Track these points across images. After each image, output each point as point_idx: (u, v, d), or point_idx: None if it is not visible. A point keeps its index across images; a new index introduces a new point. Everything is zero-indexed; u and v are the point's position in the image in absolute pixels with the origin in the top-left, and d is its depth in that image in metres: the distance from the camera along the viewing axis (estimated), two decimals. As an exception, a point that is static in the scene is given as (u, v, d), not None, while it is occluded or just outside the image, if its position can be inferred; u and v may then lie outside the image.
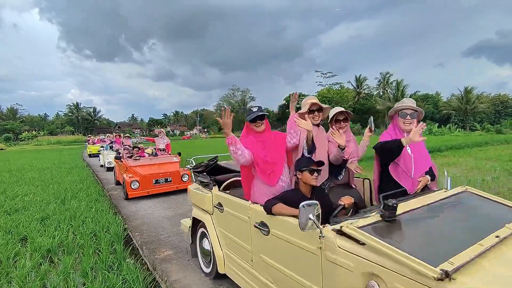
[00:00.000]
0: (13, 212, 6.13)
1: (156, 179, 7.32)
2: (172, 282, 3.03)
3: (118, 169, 8.69)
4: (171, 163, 7.94)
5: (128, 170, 7.48)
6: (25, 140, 57.30)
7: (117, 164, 8.79)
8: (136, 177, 7.10)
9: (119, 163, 8.26)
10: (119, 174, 8.41)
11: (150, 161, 7.81)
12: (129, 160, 7.69)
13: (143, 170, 7.34)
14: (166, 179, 7.46)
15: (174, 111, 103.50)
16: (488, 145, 18.87)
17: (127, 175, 7.23)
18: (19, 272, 3.38)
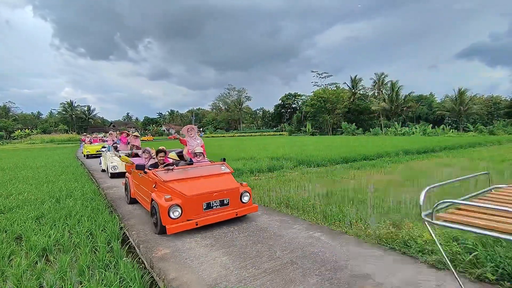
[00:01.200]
0: (7, 210, 6.06)
1: (208, 201, 4.64)
2: (170, 280, 3.04)
3: (134, 181, 6.41)
4: (223, 175, 5.25)
5: (159, 187, 4.86)
6: (18, 139, 56.59)
7: (133, 175, 6.50)
8: (177, 200, 4.47)
9: (139, 174, 5.87)
10: (138, 190, 6.15)
11: (192, 172, 5.16)
12: (160, 171, 5.07)
13: (187, 188, 4.65)
14: (222, 202, 4.75)
15: (170, 110, 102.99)
16: (481, 145, 19.14)
17: (161, 195, 4.63)
18: (15, 271, 3.35)
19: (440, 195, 6.44)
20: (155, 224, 4.65)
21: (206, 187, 4.74)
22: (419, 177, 8.68)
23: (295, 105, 72.21)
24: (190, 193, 4.52)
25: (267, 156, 14.01)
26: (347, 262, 3.34)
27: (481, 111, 45.12)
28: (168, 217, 4.31)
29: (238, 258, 3.55)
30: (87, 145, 20.31)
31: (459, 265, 2.97)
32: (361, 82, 57.06)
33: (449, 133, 35.69)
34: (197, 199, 4.52)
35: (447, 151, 16.26)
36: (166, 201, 4.38)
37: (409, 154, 14.97)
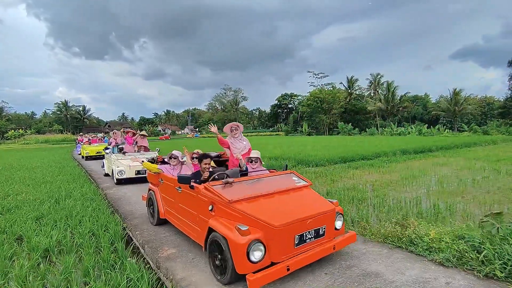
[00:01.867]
0: (5, 211, 5.97)
1: (301, 233, 3.08)
2: (178, 280, 3.01)
3: (166, 197, 4.72)
4: (302, 190, 3.70)
5: (221, 211, 3.30)
6: (12, 139, 55.83)
7: (162, 188, 4.88)
8: (257, 232, 2.92)
9: (177, 188, 4.21)
10: (174, 209, 4.45)
11: (259, 187, 3.64)
12: (217, 185, 3.50)
13: (267, 213, 3.09)
14: (318, 231, 3.22)
15: (166, 110, 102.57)
16: (476, 145, 19.35)
17: (229, 224, 3.09)
18: (19, 272, 3.30)
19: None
20: (217, 267, 3.09)
21: (295, 211, 3.15)
22: (418, 176, 8.75)
23: (292, 105, 72.38)
24: (278, 221, 2.90)
25: (265, 156, 14.01)
26: (354, 260, 3.35)
27: (475, 111, 45.67)
28: (248, 261, 2.77)
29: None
30: (85, 145, 18.68)
31: (467, 263, 3.00)
32: (357, 82, 57.43)
33: (444, 133, 36.03)
34: (288, 230, 2.94)
35: (444, 151, 16.40)
36: (242, 235, 2.79)
37: (406, 153, 15.08)
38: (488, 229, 3.24)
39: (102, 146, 17.96)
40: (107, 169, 10.79)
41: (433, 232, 3.49)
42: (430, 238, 3.44)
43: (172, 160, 5.01)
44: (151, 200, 5.21)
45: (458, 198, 6.18)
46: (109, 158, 10.19)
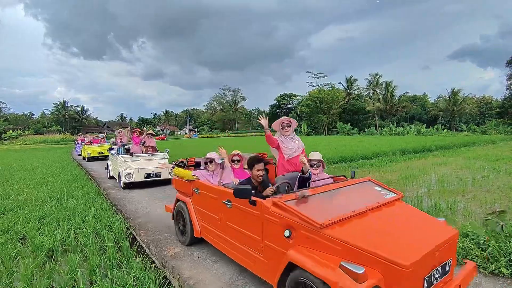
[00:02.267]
0: (7, 211, 5.96)
1: (430, 272, 2.15)
2: (186, 278, 3.03)
3: (206, 213, 3.73)
4: (394, 205, 2.87)
5: (303, 238, 2.39)
6: (10, 140, 55.59)
7: (197, 200, 3.96)
8: (375, 275, 1.95)
9: (226, 203, 3.24)
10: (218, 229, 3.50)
11: (339, 202, 2.89)
12: (289, 201, 2.59)
13: (384, 245, 2.11)
14: (444, 267, 2.31)
15: (164, 110, 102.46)
16: (475, 145, 19.43)
17: (326, 260, 2.14)
18: (25, 271, 3.30)
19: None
20: None
21: (413, 239, 2.28)
22: (418, 176, 8.79)
23: (291, 106, 72.45)
24: (405, 257, 1.98)
25: (266, 156, 14.03)
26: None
27: (474, 111, 45.89)
28: None
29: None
30: (87, 146, 17.94)
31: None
32: (356, 82, 57.55)
33: (443, 133, 36.15)
34: (417, 271, 2.03)
35: (443, 151, 16.47)
36: (358, 280, 1.89)
37: (406, 153, 15.14)
38: (492, 227, 3.27)
39: (104, 146, 17.48)
40: (112, 172, 10.02)
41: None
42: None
43: (210, 165, 3.96)
44: (181, 214, 4.19)
45: (458, 197, 6.22)
46: (115, 159, 9.30)
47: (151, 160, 8.72)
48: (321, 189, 2.87)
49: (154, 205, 6.38)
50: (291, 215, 2.42)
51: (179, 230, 4.25)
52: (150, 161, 8.70)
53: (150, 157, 8.84)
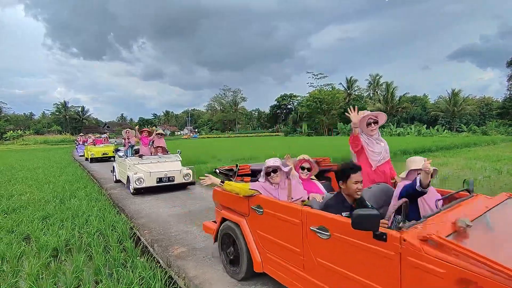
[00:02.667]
0: (11, 211, 5.98)
1: None
2: (191, 278, 3.04)
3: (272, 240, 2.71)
4: None
5: None
6: (10, 140, 55.63)
7: (260, 222, 2.85)
8: None
9: (321, 231, 2.17)
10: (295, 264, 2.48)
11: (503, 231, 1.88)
12: None
13: None
14: None
15: (165, 110, 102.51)
16: (476, 146, 19.46)
17: None
18: (30, 270, 3.32)
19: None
20: None
21: None
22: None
23: (291, 106, 72.50)
24: None
25: (267, 156, 14.05)
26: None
27: (474, 111, 45.90)
28: None
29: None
30: (90, 146, 16.97)
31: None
32: (356, 83, 57.61)
33: (443, 134, 36.19)
34: None
35: (444, 151, 16.51)
36: None
37: (406, 154, 15.15)
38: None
39: (108, 147, 16.95)
40: (118, 175, 9.15)
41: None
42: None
43: (273, 176, 2.88)
44: (231, 239, 3.17)
45: (461, 197, 6.23)
46: (123, 162, 8.47)
47: (163, 163, 7.92)
48: (470, 213, 1.92)
49: (157, 205, 6.39)
50: (470, 263, 1.41)
51: (228, 260, 3.21)
52: (162, 163, 7.89)
53: (162, 159, 8.04)
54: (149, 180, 7.39)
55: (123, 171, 8.41)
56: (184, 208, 6.09)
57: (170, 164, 7.96)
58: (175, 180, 7.73)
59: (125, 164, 8.08)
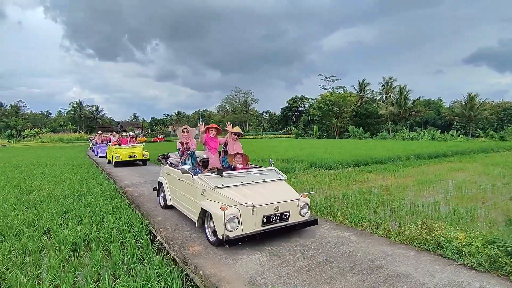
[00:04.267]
0: (31, 205, 6.17)
1: None
2: (208, 276, 3.06)
3: None
4: None
5: None
6: (28, 137, 57.35)
7: None
8: None
9: None
10: None
11: None
12: None
13: None
14: None
15: (176, 111, 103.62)
16: (493, 151, 18.91)
17: None
18: (52, 263, 3.41)
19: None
20: None
21: None
22: (434, 181, 8.61)
23: (302, 108, 72.17)
24: None
25: (277, 158, 14.03)
26: (382, 261, 3.34)
27: (491, 116, 44.61)
28: None
29: (272, 256, 3.57)
30: (114, 147, 13.88)
31: (501, 268, 2.96)
32: (368, 86, 56.87)
33: (458, 138, 35.30)
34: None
35: (459, 156, 16.09)
36: None
37: (421, 158, 14.86)
38: (520, 235, 3.16)
39: (136, 148, 14.09)
40: (170, 198, 5.77)
41: (462, 236, 3.45)
42: (459, 241, 3.40)
43: None
44: None
45: (478, 203, 6.07)
46: (185, 181, 4.92)
47: (260, 185, 4.41)
48: None
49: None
50: None
51: None
52: (259, 186, 4.39)
53: (253, 176, 4.60)
54: (250, 221, 3.85)
55: (187, 198, 4.92)
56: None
57: (274, 187, 4.46)
58: (289, 217, 4.16)
59: (193, 187, 4.64)
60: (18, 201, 6.40)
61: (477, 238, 3.41)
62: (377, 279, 2.93)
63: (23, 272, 3.25)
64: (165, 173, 6.04)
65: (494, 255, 3.08)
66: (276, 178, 4.66)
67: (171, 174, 5.69)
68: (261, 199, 3.96)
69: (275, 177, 4.72)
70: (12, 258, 3.67)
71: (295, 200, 4.14)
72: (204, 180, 4.30)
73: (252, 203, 3.77)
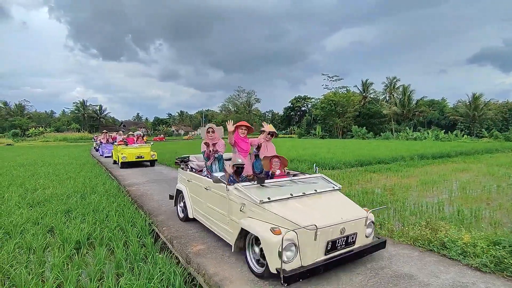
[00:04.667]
0: (35, 204, 6.21)
1: None
2: (211, 275, 3.06)
3: None
4: None
5: None
6: (32, 136, 57.80)
7: None
8: None
9: None
10: None
11: None
12: None
13: None
14: None
15: (179, 111, 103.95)
16: (498, 152, 18.75)
17: None
18: (56, 261, 3.43)
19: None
20: None
21: None
22: (438, 181, 8.56)
23: (305, 108, 72.06)
24: None
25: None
26: (385, 262, 3.32)
27: (496, 117, 44.24)
28: None
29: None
30: (120, 147, 13.30)
31: (507, 269, 2.93)
32: (371, 86, 56.65)
33: (462, 139, 35.05)
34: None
35: (463, 157, 15.97)
36: None
37: (424, 158, 14.77)
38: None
39: (144, 148, 13.46)
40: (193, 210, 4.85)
41: (467, 237, 3.43)
42: (464, 242, 3.37)
43: None
44: None
45: (482, 204, 6.02)
46: (217, 191, 3.99)
47: (312, 198, 3.51)
48: None
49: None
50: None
51: None
52: (311, 199, 3.48)
53: (304, 185, 3.74)
54: (311, 248, 2.92)
55: (216, 211, 4.00)
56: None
57: (332, 201, 3.59)
58: (356, 241, 3.25)
59: (226, 199, 3.70)
60: (22, 200, 6.44)
61: (482, 239, 3.38)
62: (380, 280, 2.92)
63: (27, 270, 3.27)
64: (186, 180, 5.08)
65: (500, 256, 3.05)
66: (330, 188, 3.74)
67: (195, 181, 4.74)
68: (323, 218, 3.00)
69: (328, 186, 3.80)
70: (17, 256, 3.70)
71: (362, 218, 3.20)
72: (244, 192, 3.36)
73: (316, 225, 2.81)
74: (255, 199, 3.18)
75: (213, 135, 4.87)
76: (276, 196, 3.28)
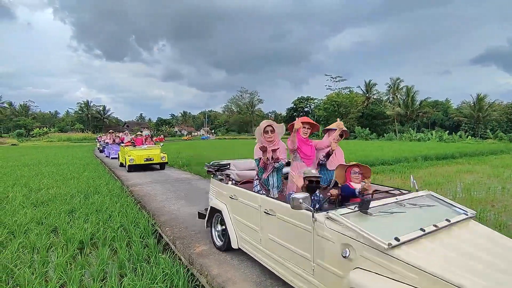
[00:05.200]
0: (39, 204, 6.25)
1: None
2: (214, 276, 3.06)
3: None
4: None
5: None
6: (37, 136, 58.24)
7: None
8: None
9: None
10: None
11: None
12: None
13: None
14: None
15: (182, 111, 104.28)
16: (503, 153, 18.59)
17: None
18: (59, 261, 3.45)
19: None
20: None
21: None
22: (442, 183, 8.51)
23: (308, 109, 71.99)
24: None
25: (284, 159, 13.99)
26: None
27: (501, 118, 43.91)
28: None
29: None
30: (128, 148, 12.25)
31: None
32: (375, 86, 56.48)
33: (467, 140, 34.83)
34: None
35: (468, 158, 15.85)
36: None
37: (428, 160, 14.68)
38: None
39: (152, 149, 12.38)
40: (246, 242, 3.38)
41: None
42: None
43: None
44: None
45: (487, 206, 5.98)
46: (294, 221, 2.58)
47: (450, 230, 2.24)
48: None
49: (178, 203, 6.48)
50: None
51: None
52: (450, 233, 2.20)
53: (421, 211, 2.50)
54: None
55: (291, 251, 2.65)
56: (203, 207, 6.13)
57: (478, 238, 2.22)
58: None
59: (312, 235, 2.38)
60: (26, 199, 6.49)
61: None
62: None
63: (31, 270, 3.29)
64: (227, 196, 3.74)
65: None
66: (461, 217, 2.42)
67: (243, 199, 3.41)
68: (494, 275, 1.74)
69: (454, 212, 2.53)
70: (21, 255, 3.72)
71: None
72: (351, 227, 2.09)
73: None
74: (377, 241, 1.91)
75: (272, 135, 3.53)
76: (403, 233, 1.99)
